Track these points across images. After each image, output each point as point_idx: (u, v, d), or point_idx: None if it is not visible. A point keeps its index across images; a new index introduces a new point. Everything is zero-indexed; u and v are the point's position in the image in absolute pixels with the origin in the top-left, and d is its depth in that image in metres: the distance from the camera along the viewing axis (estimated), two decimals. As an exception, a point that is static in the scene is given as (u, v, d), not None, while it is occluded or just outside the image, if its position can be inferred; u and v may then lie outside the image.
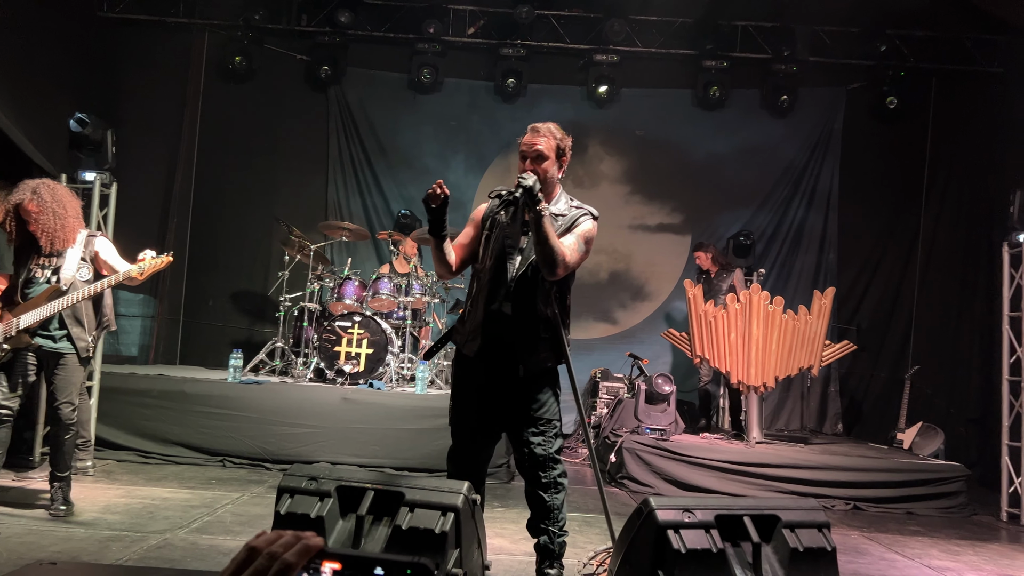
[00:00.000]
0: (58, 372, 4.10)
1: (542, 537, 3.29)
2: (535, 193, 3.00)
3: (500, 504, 5.10)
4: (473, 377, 3.28)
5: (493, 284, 3.20)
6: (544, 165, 3.19)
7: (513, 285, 3.19)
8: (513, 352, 3.19)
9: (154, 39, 8.58)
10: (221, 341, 8.48)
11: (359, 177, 9.07)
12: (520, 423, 3.25)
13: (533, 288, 3.19)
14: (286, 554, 0.76)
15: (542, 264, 3.10)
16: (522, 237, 3.24)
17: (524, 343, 3.20)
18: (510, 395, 3.24)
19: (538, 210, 3.01)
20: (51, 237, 4.07)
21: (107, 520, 4.14)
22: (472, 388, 3.29)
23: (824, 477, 6.04)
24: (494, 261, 3.21)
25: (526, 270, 3.20)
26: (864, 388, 8.85)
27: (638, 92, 9.06)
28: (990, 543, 5.10)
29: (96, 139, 5.92)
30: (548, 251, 3.03)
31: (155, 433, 5.97)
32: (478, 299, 3.24)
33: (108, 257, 4.27)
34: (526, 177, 3.03)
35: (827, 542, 2.89)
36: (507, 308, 3.18)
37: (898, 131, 8.83)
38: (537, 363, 3.23)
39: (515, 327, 3.18)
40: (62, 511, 4.14)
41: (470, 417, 3.31)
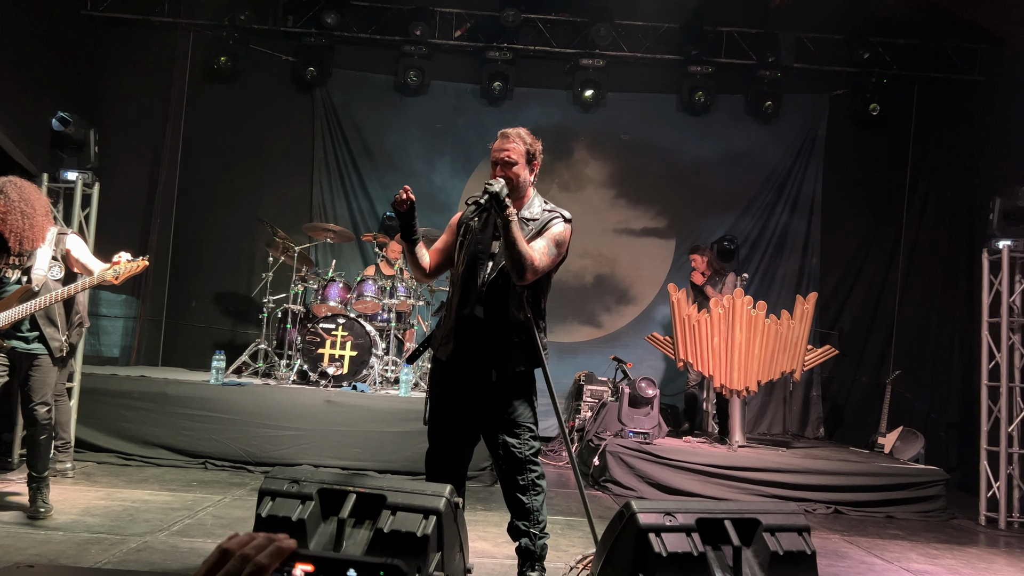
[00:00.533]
0: (32, 373, 4.05)
1: (523, 539, 3.29)
2: (502, 198, 3.02)
3: (483, 507, 5.10)
4: (447, 381, 3.30)
5: (465, 289, 3.22)
6: (514, 170, 3.21)
7: (485, 290, 3.20)
8: (485, 357, 3.21)
9: (139, 38, 8.53)
10: (204, 342, 8.43)
11: (344, 179, 9.04)
12: (495, 427, 3.27)
13: (505, 293, 3.20)
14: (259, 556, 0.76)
15: (511, 268, 3.10)
16: (493, 242, 3.25)
17: (496, 348, 3.21)
18: (484, 399, 3.26)
19: (505, 215, 3.02)
20: (19, 237, 4.00)
21: (86, 522, 4.10)
22: (446, 392, 3.31)
23: (805, 481, 6.07)
24: (466, 266, 3.23)
25: (497, 275, 3.20)
26: (846, 392, 8.91)
27: (624, 96, 9.10)
28: (968, 547, 5.15)
29: (79, 138, 5.88)
30: (516, 255, 3.04)
31: (136, 435, 5.92)
32: (451, 304, 3.29)
33: (80, 255, 4.22)
34: (493, 183, 3.05)
35: (807, 546, 2.91)
36: (479, 312, 3.19)
37: (881, 138, 8.92)
38: (509, 368, 3.24)
39: (487, 332, 3.20)
40: (40, 513, 4.10)
41: (445, 421, 3.32)
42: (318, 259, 8.54)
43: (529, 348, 3.24)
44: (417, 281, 3.39)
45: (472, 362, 3.22)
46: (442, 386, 3.33)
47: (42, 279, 4.04)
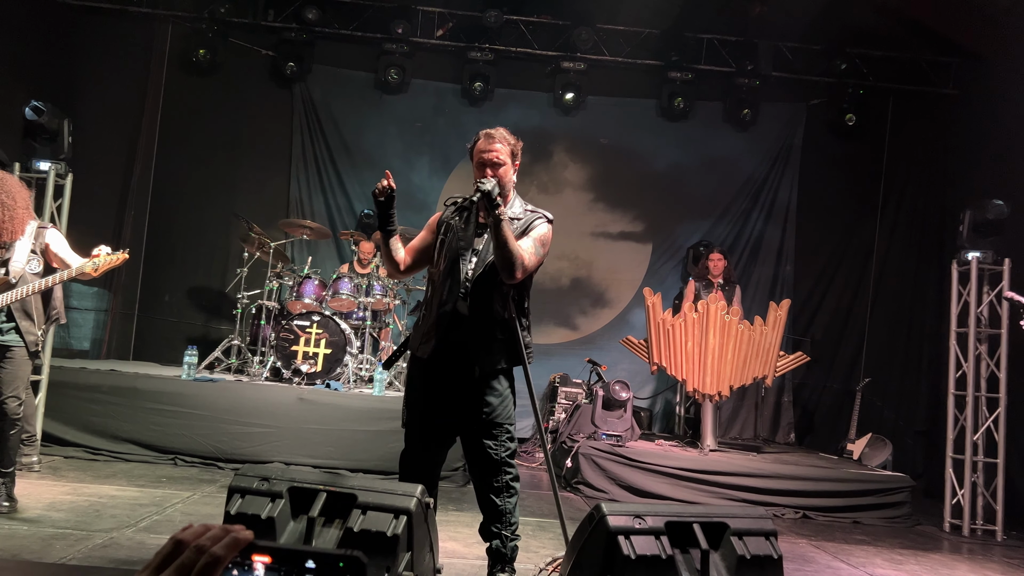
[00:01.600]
0: (4, 366, 4.00)
1: (494, 541, 3.30)
2: (494, 197, 3.02)
3: (455, 508, 5.10)
4: (426, 379, 3.29)
5: (446, 286, 3.23)
6: (501, 171, 3.22)
7: (470, 286, 3.21)
8: (466, 353, 3.21)
9: (116, 28, 8.42)
10: (176, 337, 8.35)
11: (322, 175, 9.00)
12: (473, 426, 3.27)
13: (489, 290, 3.21)
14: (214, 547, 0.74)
15: (501, 267, 3.12)
16: (476, 239, 3.26)
17: (478, 344, 3.21)
18: (463, 398, 3.25)
19: (497, 214, 3.03)
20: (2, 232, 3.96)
21: (51, 518, 4.05)
22: (425, 391, 3.30)
23: (775, 486, 6.13)
24: (448, 263, 3.23)
25: (482, 272, 3.22)
26: (816, 399, 9.01)
27: (604, 100, 9.13)
28: (932, 552, 5.23)
29: (52, 128, 5.80)
30: (507, 254, 3.05)
31: (105, 429, 5.85)
32: (432, 302, 3.28)
33: (59, 250, 4.17)
34: (485, 182, 3.04)
35: (774, 550, 2.95)
36: (462, 308, 3.20)
37: (856, 147, 9.03)
38: (491, 364, 3.24)
39: (470, 328, 3.20)
40: (5, 508, 4.04)
41: (421, 421, 3.31)
42: (294, 256, 8.49)
43: (511, 346, 3.26)
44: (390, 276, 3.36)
45: (453, 358, 3.21)
46: (420, 385, 3.32)
47: (19, 272, 3.99)
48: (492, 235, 3.09)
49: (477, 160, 3.24)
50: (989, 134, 7.60)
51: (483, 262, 3.23)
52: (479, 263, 3.23)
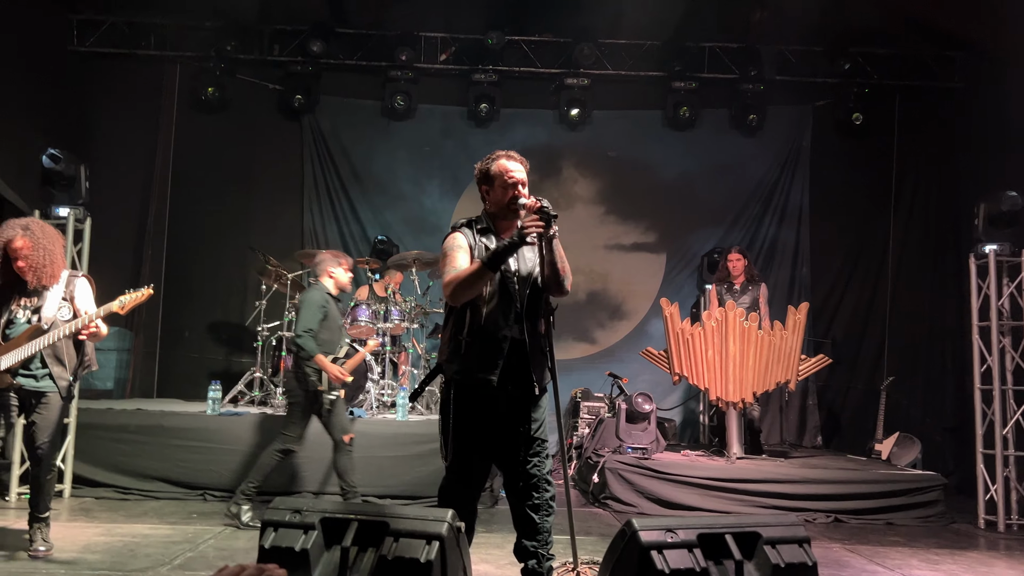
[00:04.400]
0: (39, 411, 4.06)
1: (530, 561, 3.28)
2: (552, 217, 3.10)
3: (484, 529, 5.09)
4: (485, 409, 3.23)
5: (500, 309, 3.21)
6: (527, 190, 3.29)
7: (522, 308, 3.23)
8: (528, 374, 3.23)
9: (126, 72, 8.56)
10: (199, 373, 8.40)
11: (335, 204, 9.08)
12: (519, 444, 3.28)
13: (537, 309, 3.28)
14: None
15: (556, 285, 3.24)
16: (510, 261, 3.28)
17: (536, 364, 3.26)
18: (515, 418, 3.27)
19: (551, 234, 3.11)
20: (39, 273, 4.05)
21: (88, 560, 4.09)
22: (482, 419, 3.24)
23: (805, 491, 6.09)
24: (496, 287, 3.21)
25: (529, 292, 3.26)
26: (841, 400, 8.95)
27: (609, 114, 9.17)
28: (968, 551, 5.17)
29: (69, 174, 5.92)
30: (562, 271, 3.21)
31: (134, 469, 5.91)
32: (485, 327, 3.19)
33: (82, 303, 4.23)
34: (547, 203, 3.09)
35: (808, 557, 2.93)
36: (518, 332, 3.22)
37: (865, 146, 9.01)
38: (544, 382, 3.31)
39: (529, 349, 3.23)
40: (41, 551, 4.09)
41: (477, 451, 3.27)
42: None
43: (550, 364, 3.31)
44: (453, 302, 3.25)
45: (516, 382, 3.23)
46: (482, 413, 3.24)
47: (51, 319, 4.06)
48: (547, 253, 3.17)
49: (508, 180, 3.27)
50: (998, 125, 7.57)
51: (527, 283, 3.27)
52: (524, 284, 3.26)
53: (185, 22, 8.36)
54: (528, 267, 3.30)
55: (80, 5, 8.20)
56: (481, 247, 3.29)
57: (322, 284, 5.29)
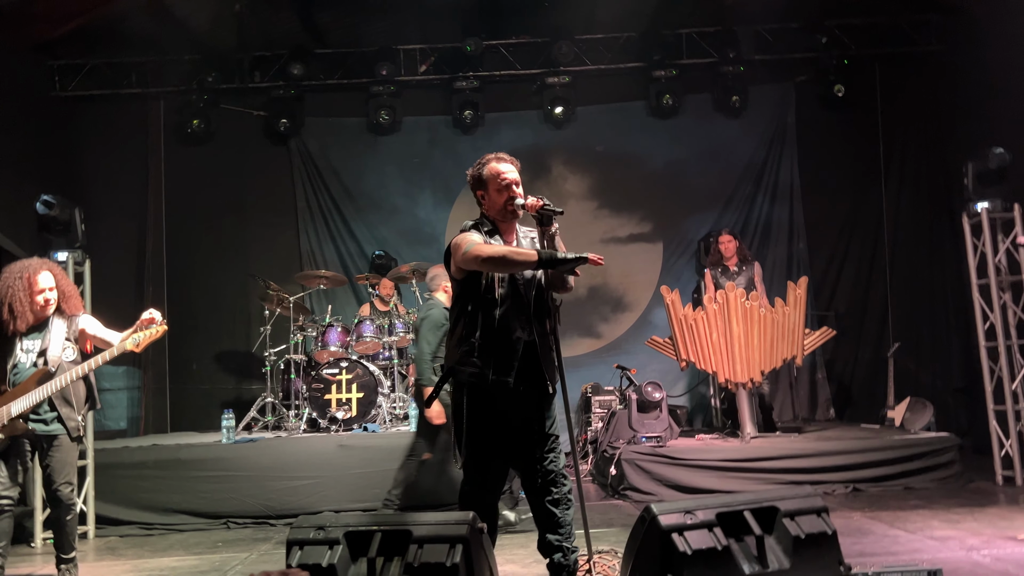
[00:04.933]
0: (53, 454, 4.10)
1: (556, 555, 3.32)
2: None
3: (507, 530, 5.13)
4: (500, 409, 3.27)
5: (512, 311, 3.25)
6: (520, 190, 3.33)
7: (532, 310, 3.28)
8: (540, 374, 3.28)
9: (111, 112, 8.60)
10: (210, 403, 8.44)
11: (329, 224, 9.13)
12: (534, 442, 3.33)
13: (545, 310, 3.33)
14: None
15: (560, 281, 3.31)
16: None
17: (548, 363, 3.31)
18: (529, 417, 3.32)
19: (552, 231, 3.19)
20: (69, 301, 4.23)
21: (118, 597, 4.13)
22: (498, 421, 3.28)
23: (821, 464, 6.12)
24: (508, 289, 3.26)
25: (538, 294, 3.31)
26: (850, 371, 8.97)
27: (593, 109, 9.21)
28: (988, 507, 5.20)
29: (64, 219, 5.96)
30: None
31: (155, 504, 5.95)
32: (498, 331, 3.23)
33: (95, 331, 4.29)
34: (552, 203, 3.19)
35: (827, 526, 2.97)
36: (531, 333, 3.27)
37: (849, 118, 9.04)
38: (555, 379, 3.36)
39: (540, 349, 3.28)
40: (72, 593, 4.12)
41: (494, 452, 3.31)
42: (313, 306, 8.59)
43: (559, 360, 3.36)
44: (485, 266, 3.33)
45: (530, 382, 3.27)
46: (495, 415, 3.27)
47: (57, 360, 4.10)
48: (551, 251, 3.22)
49: (502, 182, 3.31)
50: (979, 84, 7.60)
51: (532, 283, 3.31)
52: (529, 285, 3.31)
53: (164, 57, 8.40)
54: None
55: (59, 50, 8.24)
56: None
57: (437, 299, 5.33)
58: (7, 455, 4.06)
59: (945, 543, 4.28)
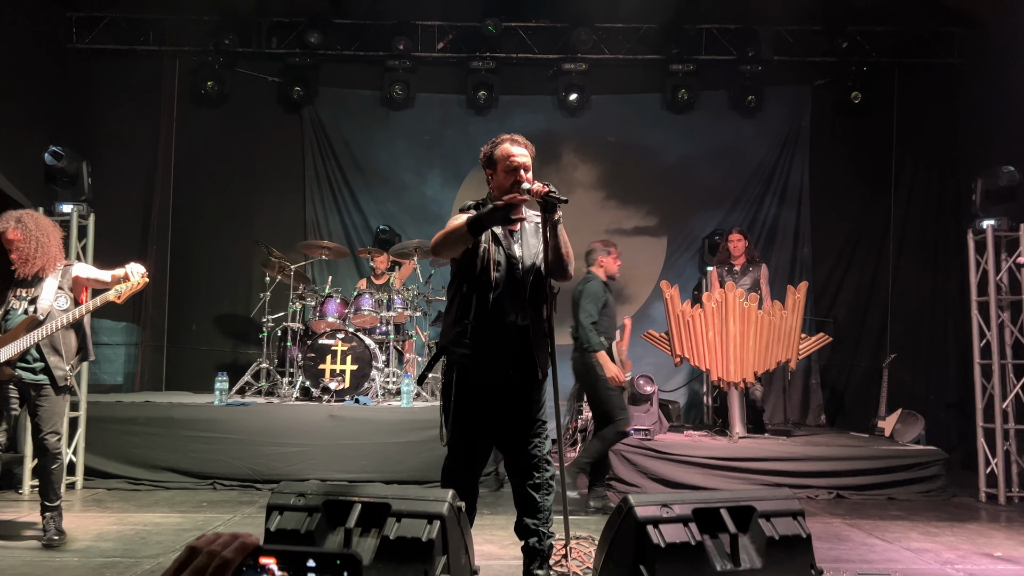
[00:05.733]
0: (40, 403, 4.13)
1: (531, 539, 3.35)
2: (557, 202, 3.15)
3: (489, 511, 5.17)
4: (489, 392, 3.28)
5: (506, 295, 3.24)
6: (530, 175, 3.31)
7: (527, 294, 3.28)
8: (532, 359, 3.28)
9: (126, 68, 8.62)
10: (206, 365, 8.50)
11: (336, 195, 9.14)
12: (520, 426, 3.34)
13: (540, 295, 3.32)
14: (224, 551, 0.82)
15: (561, 269, 3.27)
16: (515, 246, 3.33)
17: (540, 349, 3.31)
18: (517, 401, 3.32)
19: (556, 218, 3.17)
20: (34, 265, 4.13)
21: (100, 548, 4.18)
22: (484, 403, 3.29)
23: (807, 468, 6.15)
24: (504, 273, 3.25)
25: (534, 279, 3.31)
26: (845, 379, 8.99)
27: (608, 99, 9.19)
28: (968, 523, 5.22)
29: (71, 171, 5.97)
30: (567, 255, 3.25)
31: (144, 460, 6.00)
32: (492, 314, 3.22)
33: (90, 275, 4.31)
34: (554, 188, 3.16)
35: (802, 529, 3.00)
36: (523, 318, 3.26)
37: (864, 125, 9.01)
38: (547, 367, 3.36)
39: (533, 335, 3.28)
40: (55, 541, 4.17)
41: (479, 432, 3.33)
42: (315, 276, 8.63)
43: (552, 347, 3.37)
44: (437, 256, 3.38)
45: (519, 366, 3.28)
46: (482, 397, 3.29)
47: (47, 309, 4.12)
48: (552, 238, 3.21)
49: (511, 164, 3.25)
50: (997, 100, 7.57)
51: (531, 268, 3.31)
52: (528, 270, 3.30)
53: (183, 16, 8.40)
54: (532, 252, 3.33)
55: (78, 2, 8.25)
56: (489, 232, 3.32)
57: (594, 273, 5.40)
58: (-8, 401, 4.10)
59: (920, 555, 4.30)
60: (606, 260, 5.49)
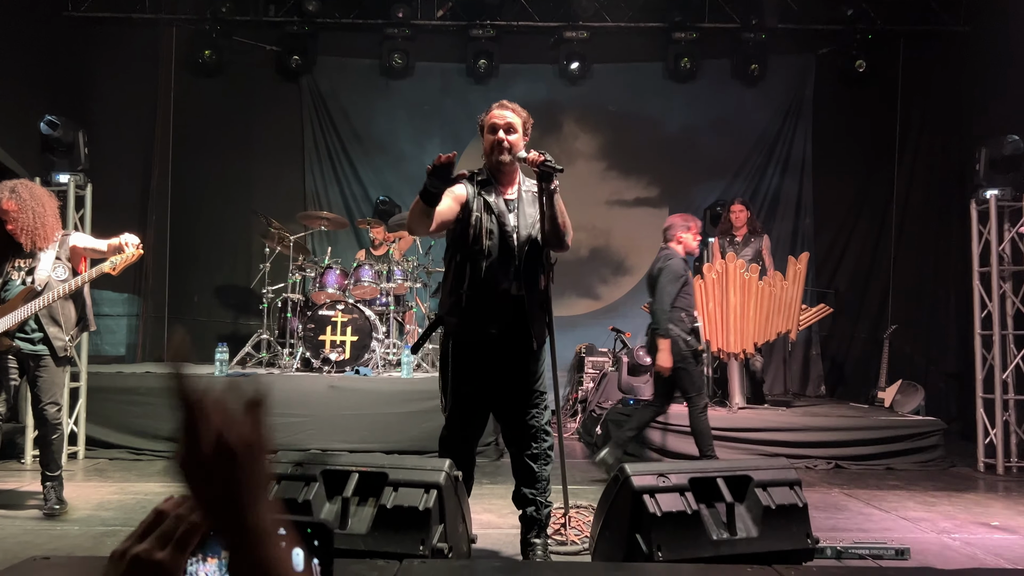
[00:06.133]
0: (40, 374, 4.13)
1: (528, 508, 3.37)
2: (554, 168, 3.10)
3: (489, 481, 5.19)
4: (482, 362, 3.28)
5: (499, 265, 3.22)
6: (513, 139, 3.27)
7: (522, 264, 3.25)
8: (526, 330, 3.26)
9: (122, 36, 8.51)
10: (207, 336, 8.49)
11: (336, 166, 9.08)
12: (517, 396, 3.34)
13: (537, 265, 3.30)
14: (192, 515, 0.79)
15: (557, 239, 3.23)
16: (509, 215, 3.30)
17: (535, 319, 3.29)
18: (514, 371, 3.32)
19: (552, 188, 3.12)
20: (31, 235, 4.10)
21: (101, 516, 4.21)
22: (481, 372, 3.29)
23: (806, 438, 6.17)
24: (496, 241, 3.23)
25: (529, 249, 3.28)
26: (845, 350, 8.99)
27: (609, 68, 9.09)
28: (966, 493, 5.24)
29: (68, 141, 5.93)
30: (563, 225, 3.21)
31: (145, 430, 6.02)
32: (485, 283, 3.21)
33: (87, 244, 4.29)
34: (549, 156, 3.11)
35: (799, 499, 3.01)
36: (517, 288, 3.24)
37: (868, 94, 8.90)
38: (543, 337, 3.35)
39: (527, 305, 3.26)
40: (56, 510, 4.19)
41: (475, 402, 3.33)
42: (314, 247, 8.60)
43: (549, 317, 3.36)
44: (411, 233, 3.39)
45: (511, 337, 3.26)
46: (477, 368, 3.28)
47: (45, 279, 4.11)
48: (548, 208, 3.18)
49: (490, 124, 3.26)
50: (1003, 69, 7.46)
51: (527, 238, 3.28)
52: (524, 240, 3.27)
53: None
54: (528, 222, 3.30)
55: (73, -31, 8.14)
56: (481, 200, 3.29)
57: (673, 250, 5.27)
58: (-9, 372, 4.10)
59: (918, 524, 4.32)
60: (685, 237, 5.30)
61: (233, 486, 0.77)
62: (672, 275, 5.12)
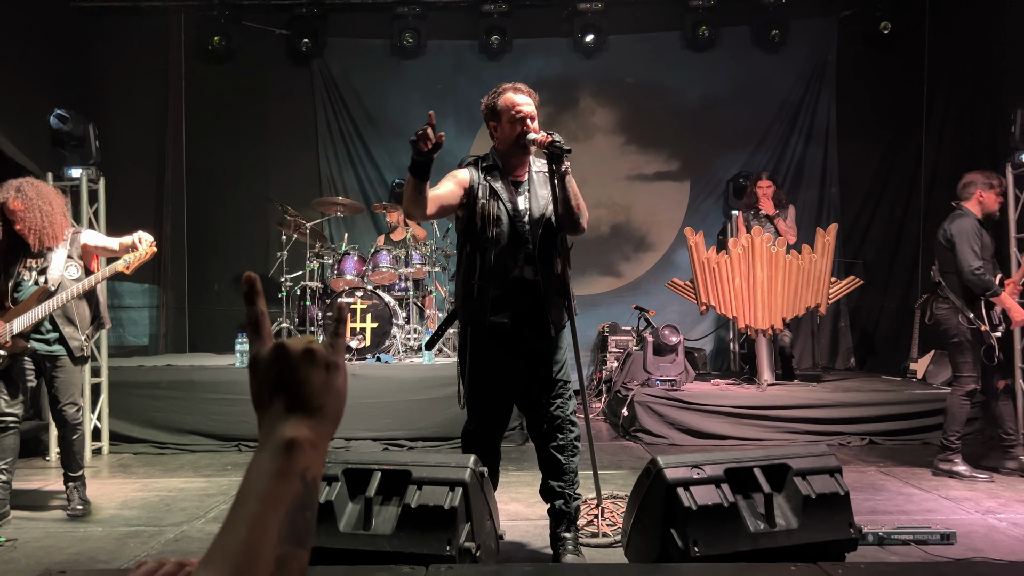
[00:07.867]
0: (57, 375, 4.08)
1: (557, 501, 3.28)
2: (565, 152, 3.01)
3: (515, 467, 5.11)
4: (500, 351, 3.18)
5: (509, 251, 3.13)
6: (536, 124, 3.16)
7: (535, 249, 3.14)
8: (544, 316, 3.16)
9: (129, 26, 8.42)
10: (228, 326, 8.45)
11: (350, 149, 8.96)
12: (540, 387, 3.24)
13: (551, 250, 3.19)
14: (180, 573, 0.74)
15: (571, 223, 3.12)
16: (519, 198, 3.19)
17: (552, 305, 3.18)
18: (534, 360, 3.22)
19: (564, 170, 3.01)
20: (39, 235, 4.02)
21: (124, 516, 4.16)
22: (500, 362, 3.19)
23: (838, 415, 6.02)
24: (506, 228, 3.13)
25: (541, 232, 3.16)
26: (875, 321, 8.79)
27: (626, 39, 8.87)
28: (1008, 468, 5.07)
29: (78, 134, 5.85)
30: (577, 208, 3.10)
31: (168, 423, 6.00)
32: (495, 270, 3.12)
33: (98, 242, 4.21)
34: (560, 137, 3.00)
35: (839, 487, 2.87)
36: (531, 273, 3.14)
37: (894, 57, 8.62)
38: (561, 323, 3.24)
39: (543, 291, 3.15)
40: (79, 511, 4.16)
41: (497, 393, 3.24)
42: (331, 233, 8.51)
43: (568, 303, 3.24)
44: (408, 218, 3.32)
45: (530, 324, 3.16)
46: (494, 357, 3.19)
47: (58, 279, 4.04)
48: (560, 190, 3.07)
49: (515, 114, 3.15)
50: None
51: (540, 222, 3.17)
52: (536, 224, 3.16)
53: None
54: (541, 206, 3.20)
55: (78, -41, 8.03)
56: (486, 186, 3.18)
57: (968, 209, 4.96)
58: (8, 373, 4.04)
59: (960, 504, 4.18)
60: (986, 195, 4.96)
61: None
62: (965, 234, 4.79)
